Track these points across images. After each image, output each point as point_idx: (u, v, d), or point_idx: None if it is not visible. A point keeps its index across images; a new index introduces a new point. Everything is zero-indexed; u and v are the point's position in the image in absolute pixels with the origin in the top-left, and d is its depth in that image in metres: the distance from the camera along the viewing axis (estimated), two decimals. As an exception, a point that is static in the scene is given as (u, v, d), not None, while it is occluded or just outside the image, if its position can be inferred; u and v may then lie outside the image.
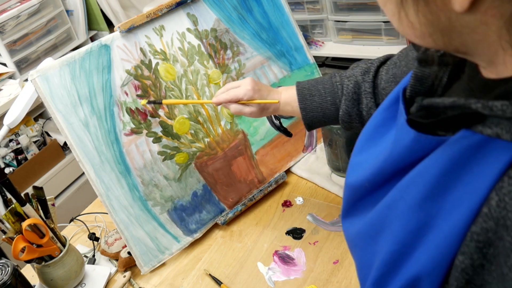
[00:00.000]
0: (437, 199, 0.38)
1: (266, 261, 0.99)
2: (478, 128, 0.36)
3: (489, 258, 0.35)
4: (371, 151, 0.50)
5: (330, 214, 1.06)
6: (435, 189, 0.39)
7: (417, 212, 0.40)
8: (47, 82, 0.94)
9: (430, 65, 0.47)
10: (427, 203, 0.39)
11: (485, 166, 0.35)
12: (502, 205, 0.34)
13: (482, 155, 0.36)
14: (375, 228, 0.46)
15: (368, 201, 0.48)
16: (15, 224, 0.90)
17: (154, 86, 1.04)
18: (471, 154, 0.36)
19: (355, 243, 0.51)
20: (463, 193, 0.36)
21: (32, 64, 1.96)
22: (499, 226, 0.34)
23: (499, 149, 0.35)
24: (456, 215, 0.36)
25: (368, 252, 0.47)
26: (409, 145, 0.42)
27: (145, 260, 1.01)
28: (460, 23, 0.36)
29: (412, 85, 0.48)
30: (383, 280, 0.43)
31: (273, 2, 1.20)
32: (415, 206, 0.40)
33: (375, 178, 0.47)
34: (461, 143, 0.37)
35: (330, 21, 1.94)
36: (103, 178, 0.98)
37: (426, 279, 0.39)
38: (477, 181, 0.36)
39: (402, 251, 0.41)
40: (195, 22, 1.11)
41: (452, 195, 0.37)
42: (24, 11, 1.87)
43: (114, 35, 1.02)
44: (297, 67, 1.24)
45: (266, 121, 1.19)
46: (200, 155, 1.09)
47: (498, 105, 0.34)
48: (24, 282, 0.91)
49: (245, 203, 1.12)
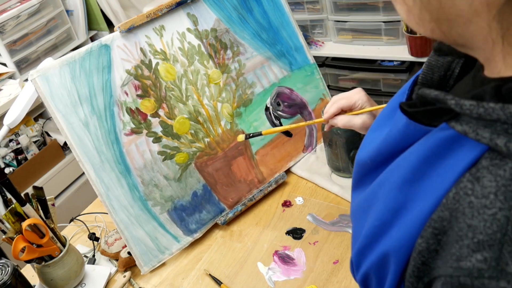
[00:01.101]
0: (414, 184, 0.41)
1: (266, 261, 0.99)
2: (452, 123, 0.38)
3: (442, 244, 0.37)
4: (382, 131, 0.51)
5: (330, 214, 1.06)
6: (414, 175, 0.41)
7: (397, 193, 0.42)
8: (47, 82, 0.94)
9: (445, 54, 0.48)
10: (405, 186, 0.41)
11: (454, 160, 0.37)
12: (456, 198, 0.36)
13: (453, 150, 0.38)
14: (367, 203, 0.48)
15: (370, 177, 0.51)
16: (15, 224, 0.90)
17: (154, 86, 1.04)
18: (446, 147, 0.39)
19: (354, 215, 0.54)
20: (434, 182, 0.39)
21: (32, 64, 1.96)
22: (452, 216, 0.36)
23: (467, 146, 0.37)
24: (424, 202, 0.39)
25: (359, 224, 0.50)
26: (401, 130, 0.44)
27: (145, 260, 1.01)
28: (453, 11, 0.36)
29: (424, 73, 0.49)
30: (364, 251, 0.46)
31: (273, 2, 1.20)
32: (396, 188, 0.42)
33: (376, 157, 0.49)
34: (439, 135, 0.39)
35: (330, 21, 1.94)
36: (103, 178, 0.98)
37: (393, 256, 0.42)
38: (445, 173, 0.38)
39: (381, 227, 0.44)
40: (195, 22, 1.11)
41: (426, 183, 0.40)
42: (24, 11, 1.87)
43: (114, 35, 1.02)
44: (297, 67, 1.24)
45: (266, 121, 1.19)
46: (200, 155, 1.09)
47: (467, 104, 0.36)
48: (24, 282, 0.91)
49: (245, 203, 1.12)
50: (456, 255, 0.35)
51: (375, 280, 0.46)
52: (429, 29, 0.39)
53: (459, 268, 0.34)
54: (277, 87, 1.20)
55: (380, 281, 0.45)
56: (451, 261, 0.35)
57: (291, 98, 1.22)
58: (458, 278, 0.34)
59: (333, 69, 1.99)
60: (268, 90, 1.19)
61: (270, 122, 1.19)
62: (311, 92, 1.26)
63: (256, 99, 1.17)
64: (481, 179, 0.35)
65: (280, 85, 1.21)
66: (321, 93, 1.27)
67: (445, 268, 0.36)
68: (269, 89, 1.19)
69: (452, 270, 0.35)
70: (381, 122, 0.55)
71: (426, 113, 0.42)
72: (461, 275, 0.34)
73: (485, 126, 0.35)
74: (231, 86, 1.14)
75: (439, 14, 0.37)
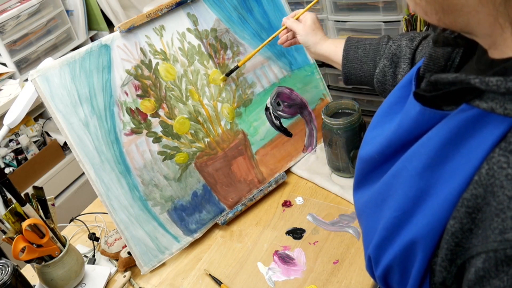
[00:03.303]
0: (436, 169, 0.41)
1: (266, 261, 0.99)
2: (476, 102, 0.38)
3: (477, 222, 0.37)
4: (384, 127, 0.52)
5: (330, 214, 1.06)
6: (435, 160, 0.41)
7: (417, 180, 0.42)
8: (47, 82, 0.94)
9: (444, 45, 0.49)
10: (427, 172, 0.41)
11: (480, 138, 0.38)
12: (491, 173, 0.36)
13: (478, 128, 0.38)
14: (381, 196, 0.48)
15: (378, 172, 0.51)
16: (15, 224, 0.90)
17: (154, 86, 1.04)
18: (469, 127, 0.39)
19: (364, 212, 0.53)
20: (459, 163, 0.39)
21: (32, 64, 1.96)
22: (487, 192, 0.36)
23: (493, 122, 0.37)
24: (452, 184, 0.39)
25: (373, 219, 0.49)
26: (415, 118, 0.44)
27: (145, 260, 1.01)
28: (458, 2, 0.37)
29: (425, 64, 0.50)
30: (384, 244, 0.46)
31: (273, 2, 1.20)
32: (416, 175, 0.42)
33: (385, 150, 0.49)
34: (460, 117, 0.39)
35: (330, 21, 1.94)
36: (103, 178, 0.98)
37: (421, 242, 0.41)
38: (472, 152, 0.38)
39: (402, 217, 0.43)
40: (195, 22, 1.11)
41: (450, 165, 0.40)
42: (24, 11, 1.87)
43: (114, 35, 1.02)
44: (297, 67, 1.24)
45: (266, 121, 1.19)
46: (200, 155, 1.09)
47: (494, 80, 0.36)
48: (24, 282, 0.91)
49: (245, 203, 1.12)
50: (499, 229, 0.35)
51: (399, 273, 0.46)
52: (435, 19, 0.40)
53: (504, 240, 0.34)
54: (277, 87, 1.20)
55: (404, 273, 0.45)
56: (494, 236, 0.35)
57: (291, 98, 1.22)
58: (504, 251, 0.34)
59: (333, 69, 1.99)
60: (268, 90, 1.19)
61: (270, 122, 1.19)
62: (311, 92, 1.26)
63: (256, 99, 1.17)
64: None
65: (280, 85, 1.21)
66: (321, 93, 1.27)
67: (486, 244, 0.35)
68: (269, 89, 1.19)
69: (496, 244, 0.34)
70: (381, 119, 0.55)
71: (444, 96, 0.42)
72: (508, 247, 0.34)
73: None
74: (231, 86, 1.14)
75: (444, 5, 0.38)
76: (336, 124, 1.05)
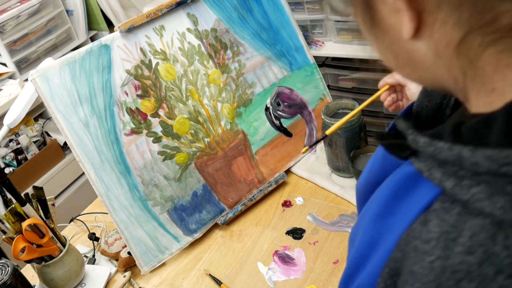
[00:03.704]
0: (385, 219, 0.39)
1: (266, 261, 0.99)
2: (413, 158, 0.36)
3: (397, 286, 0.35)
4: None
5: (330, 214, 1.06)
6: (385, 210, 0.39)
7: (372, 227, 0.41)
8: (47, 82, 0.94)
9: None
10: (379, 220, 0.40)
11: (413, 200, 0.35)
12: (407, 240, 0.34)
13: (414, 188, 0.36)
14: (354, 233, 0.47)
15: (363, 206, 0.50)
16: (15, 224, 0.90)
17: (154, 86, 1.04)
18: (409, 185, 0.37)
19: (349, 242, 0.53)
20: (399, 219, 0.37)
21: (32, 64, 1.96)
22: (404, 258, 0.35)
23: (425, 186, 0.34)
24: (388, 240, 0.37)
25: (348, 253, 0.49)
26: (380, 160, 0.43)
27: (145, 260, 1.01)
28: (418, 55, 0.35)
29: (419, 100, 0.47)
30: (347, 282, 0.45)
31: (273, 2, 1.20)
32: (371, 221, 0.41)
33: (365, 186, 0.48)
34: (404, 171, 0.37)
35: (330, 21, 1.94)
36: (103, 178, 0.98)
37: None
38: (406, 212, 0.36)
39: (359, 260, 0.42)
40: (195, 22, 1.11)
41: (393, 219, 0.38)
42: (24, 11, 1.87)
43: (114, 35, 1.02)
44: (297, 67, 1.24)
45: (266, 121, 1.19)
46: (200, 155, 1.09)
47: (422, 141, 0.34)
48: (24, 282, 0.91)
49: (245, 203, 1.12)
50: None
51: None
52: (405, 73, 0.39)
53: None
54: (277, 87, 1.20)
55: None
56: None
57: (291, 98, 1.22)
58: None
59: (333, 69, 1.99)
60: (268, 90, 1.19)
61: (270, 122, 1.19)
62: (311, 92, 1.26)
63: (256, 99, 1.17)
64: (428, 223, 0.33)
65: (280, 85, 1.21)
66: (321, 93, 1.27)
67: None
68: (269, 89, 1.19)
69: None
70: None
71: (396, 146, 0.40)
72: None
73: (439, 166, 0.33)
74: (231, 86, 1.14)
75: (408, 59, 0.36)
76: (336, 124, 1.05)
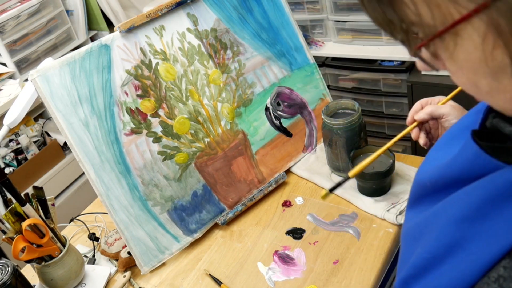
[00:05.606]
0: (474, 224, 0.37)
1: (266, 261, 0.99)
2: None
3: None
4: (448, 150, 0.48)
5: (330, 214, 1.06)
6: (475, 213, 0.37)
7: (453, 229, 0.39)
8: (47, 82, 0.94)
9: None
10: (464, 223, 0.38)
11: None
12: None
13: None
14: (420, 230, 0.45)
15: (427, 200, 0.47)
16: (15, 224, 0.90)
17: (154, 86, 1.04)
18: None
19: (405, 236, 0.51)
20: (501, 228, 0.34)
21: (32, 64, 1.95)
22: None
23: None
24: (488, 248, 0.35)
25: (408, 250, 0.47)
26: (470, 158, 0.40)
27: (145, 260, 1.01)
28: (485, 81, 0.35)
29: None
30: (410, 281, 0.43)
31: (273, 2, 1.20)
32: (453, 223, 0.39)
33: (437, 181, 0.46)
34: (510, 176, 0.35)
35: (330, 21, 1.94)
36: (103, 178, 0.98)
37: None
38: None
39: (430, 261, 0.40)
40: (195, 22, 1.11)
41: (490, 226, 0.35)
42: (24, 11, 1.87)
43: (114, 35, 1.02)
44: (297, 67, 1.24)
45: (266, 121, 1.19)
46: (200, 155, 1.09)
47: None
48: (24, 282, 0.91)
49: (245, 203, 1.12)
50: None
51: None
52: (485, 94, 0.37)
53: None
54: (277, 87, 1.20)
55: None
56: None
57: (291, 98, 1.22)
58: None
59: (333, 69, 1.99)
60: (268, 90, 1.19)
61: (270, 122, 1.19)
62: (311, 92, 1.26)
63: (256, 99, 1.17)
64: None
65: (280, 85, 1.21)
66: (321, 93, 1.27)
67: None
68: (269, 89, 1.19)
69: None
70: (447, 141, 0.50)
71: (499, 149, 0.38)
72: None
73: None
74: (231, 86, 1.14)
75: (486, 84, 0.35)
76: (336, 124, 1.05)
